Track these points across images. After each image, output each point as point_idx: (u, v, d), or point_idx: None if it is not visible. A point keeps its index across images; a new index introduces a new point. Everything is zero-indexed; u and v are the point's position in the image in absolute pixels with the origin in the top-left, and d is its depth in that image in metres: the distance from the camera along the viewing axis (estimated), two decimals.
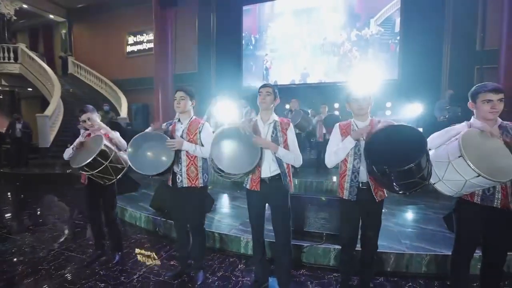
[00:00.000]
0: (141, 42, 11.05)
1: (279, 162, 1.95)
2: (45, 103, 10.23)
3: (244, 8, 9.93)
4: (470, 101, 1.74)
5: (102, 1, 11.34)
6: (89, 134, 2.54)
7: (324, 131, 5.54)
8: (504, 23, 6.08)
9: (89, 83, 11.35)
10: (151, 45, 10.82)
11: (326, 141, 5.65)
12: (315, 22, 9.34)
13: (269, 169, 1.97)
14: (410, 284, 2.26)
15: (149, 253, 2.87)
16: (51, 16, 11.99)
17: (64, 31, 12.29)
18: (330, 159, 1.92)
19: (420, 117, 6.57)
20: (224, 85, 9.91)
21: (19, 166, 7.03)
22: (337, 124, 2.03)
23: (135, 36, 11.14)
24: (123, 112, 8.86)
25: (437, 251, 2.45)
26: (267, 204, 2.06)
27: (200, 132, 2.21)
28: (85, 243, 3.08)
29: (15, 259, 2.71)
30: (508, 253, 1.84)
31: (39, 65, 9.76)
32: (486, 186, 1.64)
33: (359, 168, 1.85)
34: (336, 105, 8.39)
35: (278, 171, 1.97)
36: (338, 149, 1.88)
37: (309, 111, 7.25)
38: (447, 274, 2.22)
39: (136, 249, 2.93)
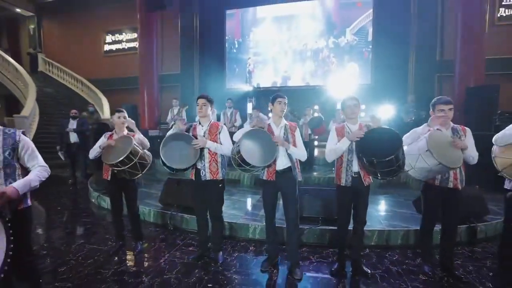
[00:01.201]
0: (119, 41, 11.03)
1: (290, 157, 2.49)
2: (10, 103, 9.86)
3: (227, 12, 10.39)
4: (430, 109, 2.43)
5: None
6: (111, 135, 2.88)
7: (309, 131, 6.17)
8: (458, 37, 7.18)
9: (62, 82, 11.04)
10: (131, 44, 10.89)
11: (311, 140, 6.33)
12: (295, 29, 10.07)
13: (282, 163, 2.50)
14: (390, 253, 2.91)
15: (166, 242, 3.25)
16: (18, 10, 11.48)
17: (32, 26, 11.81)
18: (330, 155, 2.49)
19: (390, 118, 7.50)
20: (208, 86, 10.29)
21: None
22: (333, 127, 2.60)
23: (113, 35, 11.08)
24: (106, 113, 8.84)
25: (409, 227, 3.14)
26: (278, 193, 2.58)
27: (219, 133, 2.67)
28: (102, 237, 3.37)
29: (40, 253, 2.94)
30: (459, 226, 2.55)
31: (7, 62, 9.37)
32: (443, 172, 2.31)
33: (352, 161, 2.43)
34: (316, 107, 9.14)
35: (289, 164, 2.50)
36: (337, 148, 2.45)
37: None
38: (417, 243, 2.92)
39: (153, 240, 3.29)
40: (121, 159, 2.52)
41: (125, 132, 2.93)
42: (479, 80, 6.82)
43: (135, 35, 10.88)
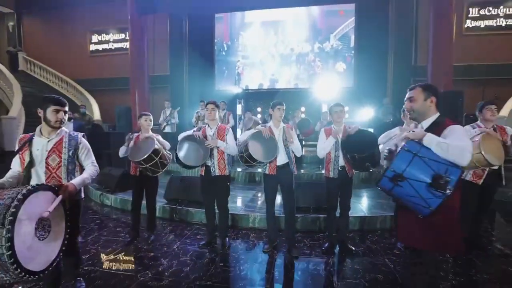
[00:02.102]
0: (106, 42, 11.12)
1: (288, 153, 3.01)
2: None
3: (216, 16, 10.79)
4: (402, 115, 3.02)
5: None
6: (137, 136, 3.27)
7: (298, 132, 6.73)
8: (430, 44, 8.01)
9: (46, 81, 10.97)
10: (118, 45, 11.02)
11: (299, 141, 6.89)
12: (282, 34, 10.66)
13: (281, 159, 3.01)
14: (370, 235, 3.50)
15: (175, 233, 3.66)
16: None
17: (11, 23, 11.61)
18: (321, 152, 3.03)
19: (371, 119, 8.25)
20: (197, 88, 10.65)
21: None
22: (323, 130, 3.15)
23: (99, 34, 11.16)
24: (96, 114, 8.94)
25: (385, 214, 3.76)
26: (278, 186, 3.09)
27: (226, 135, 3.14)
28: (113, 230, 3.74)
29: None
30: None
31: None
32: None
33: (338, 157, 2.98)
34: (303, 109, 9.77)
35: (287, 160, 3.02)
36: (325, 145, 2.99)
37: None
38: (392, 226, 3.53)
39: (163, 231, 3.69)
40: (144, 157, 2.93)
41: (150, 133, 3.32)
42: (448, 85, 7.65)
43: (122, 35, 11.07)
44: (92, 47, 11.27)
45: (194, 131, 3.13)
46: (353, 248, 3.07)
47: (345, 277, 2.62)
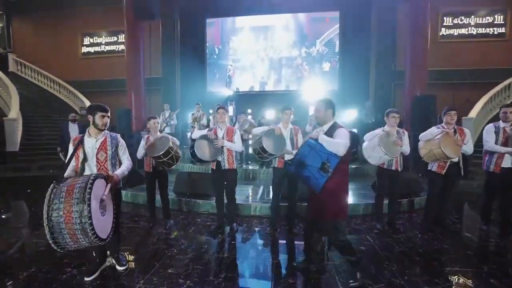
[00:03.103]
0: (98, 44, 11.39)
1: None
2: None
3: (208, 20, 11.33)
4: (385, 117, 3.71)
5: None
6: (148, 137, 3.80)
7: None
8: (407, 51, 8.87)
9: (37, 83, 11.11)
10: (110, 47, 11.34)
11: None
12: (271, 39, 11.34)
13: (288, 156, 3.62)
14: (355, 219, 4.18)
15: (187, 220, 4.20)
16: None
17: (0, 24, 11.65)
18: None
19: (354, 120, 9.03)
20: (189, 90, 11.13)
21: None
22: (315, 130, 3.79)
23: (91, 37, 11.42)
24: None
25: (367, 201, 4.46)
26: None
27: (234, 135, 3.73)
28: (132, 219, 4.25)
29: None
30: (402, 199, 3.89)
31: None
32: (389, 159, 3.59)
33: None
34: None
35: (292, 156, 3.65)
36: None
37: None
38: (373, 211, 4.23)
39: (176, 219, 4.22)
40: (164, 151, 3.47)
41: (159, 133, 3.85)
42: (423, 89, 8.51)
43: (114, 38, 11.38)
44: (84, 49, 11.51)
45: (208, 131, 3.71)
46: None
47: (335, 251, 3.27)
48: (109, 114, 2.63)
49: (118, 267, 2.69)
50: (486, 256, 3.19)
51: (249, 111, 11.32)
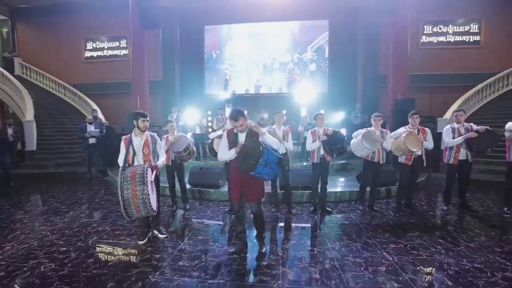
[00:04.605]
0: (101, 49, 12.03)
1: (286, 147, 4.52)
2: None
3: (206, 27, 12.13)
4: (371, 119, 4.63)
5: (52, 3, 11.81)
6: (167, 137, 4.60)
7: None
8: (390, 57, 9.85)
9: (43, 86, 11.67)
10: (113, 52, 12.00)
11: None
12: (265, 45, 12.23)
13: (282, 150, 4.49)
14: (341, 203, 5.10)
15: (203, 205, 5.04)
16: None
17: (5, 29, 12.13)
18: (310, 148, 4.55)
19: (343, 121, 9.99)
20: (188, 92, 11.91)
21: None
22: (309, 132, 4.67)
23: (94, 42, 12.05)
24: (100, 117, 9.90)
25: (352, 189, 5.39)
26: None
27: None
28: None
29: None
30: (381, 187, 4.83)
31: None
32: (370, 152, 4.51)
33: (320, 149, 4.54)
34: (284, 112, 11.33)
35: (285, 151, 4.53)
36: (313, 145, 4.51)
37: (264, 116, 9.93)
38: (357, 197, 5.15)
39: (193, 205, 5.04)
40: (185, 147, 4.30)
41: (176, 133, 4.67)
42: (404, 92, 9.49)
43: (116, 43, 12.05)
44: (87, 54, 12.13)
45: (223, 131, 4.54)
46: (330, 210, 4.64)
47: (325, 224, 4.17)
48: (148, 118, 3.44)
49: (160, 236, 3.51)
50: (440, 226, 4.13)
51: (245, 112, 12.18)
